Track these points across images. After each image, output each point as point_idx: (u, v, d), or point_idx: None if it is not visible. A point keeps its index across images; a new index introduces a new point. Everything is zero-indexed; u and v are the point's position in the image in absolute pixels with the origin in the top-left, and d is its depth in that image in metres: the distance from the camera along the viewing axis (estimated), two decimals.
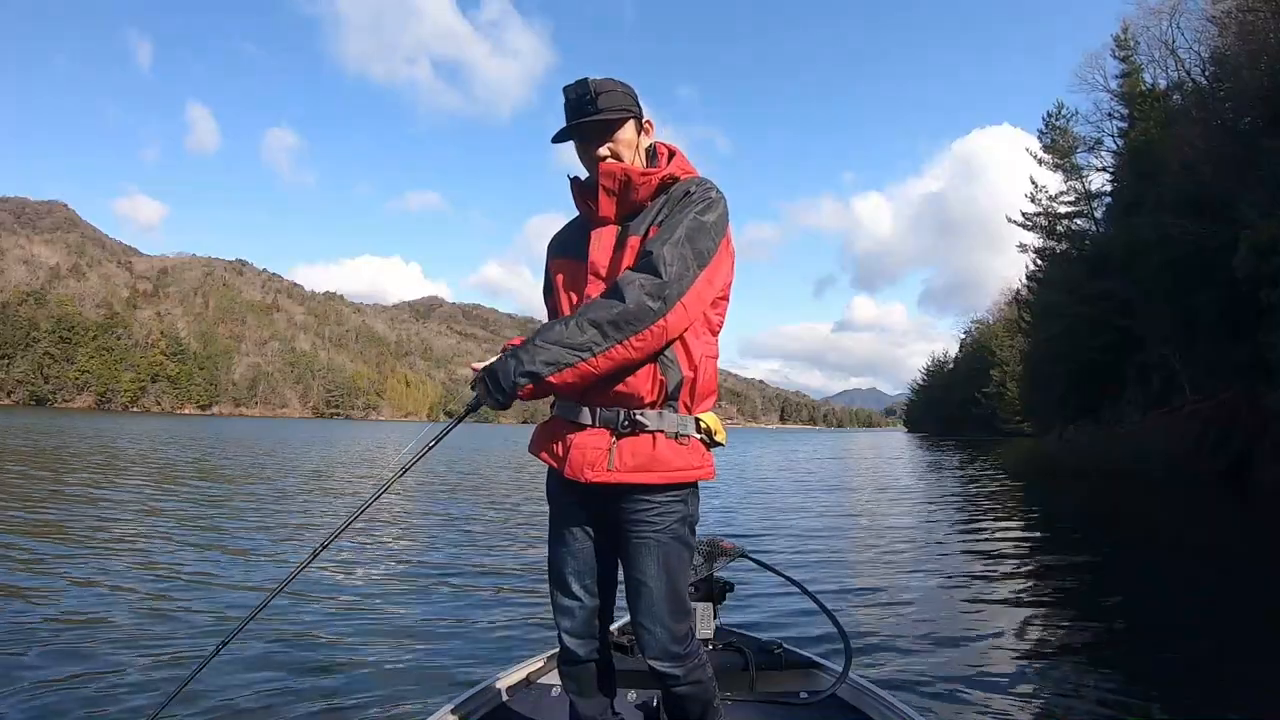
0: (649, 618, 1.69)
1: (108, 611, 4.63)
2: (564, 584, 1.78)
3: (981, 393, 71.89)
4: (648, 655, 1.71)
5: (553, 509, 1.82)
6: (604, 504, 1.70)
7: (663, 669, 1.71)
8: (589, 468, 1.63)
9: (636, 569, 1.68)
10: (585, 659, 1.83)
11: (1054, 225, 30.90)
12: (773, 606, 4.94)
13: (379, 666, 3.78)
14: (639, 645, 1.73)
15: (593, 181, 1.71)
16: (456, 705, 2.26)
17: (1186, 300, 19.39)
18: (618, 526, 1.70)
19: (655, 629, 1.69)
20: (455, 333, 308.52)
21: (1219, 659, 4.32)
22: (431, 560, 6.77)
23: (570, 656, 1.84)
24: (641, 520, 1.66)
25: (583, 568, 1.77)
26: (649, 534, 1.66)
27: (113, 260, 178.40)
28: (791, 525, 9.53)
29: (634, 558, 1.68)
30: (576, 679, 1.88)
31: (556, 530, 1.80)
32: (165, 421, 63.35)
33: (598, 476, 1.62)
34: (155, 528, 7.96)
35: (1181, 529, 10.60)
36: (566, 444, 1.67)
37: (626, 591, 1.74)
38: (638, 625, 1.72)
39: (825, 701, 2.38)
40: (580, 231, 1.77)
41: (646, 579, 1.67)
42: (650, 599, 1.68)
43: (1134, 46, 27.94)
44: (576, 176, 1.81)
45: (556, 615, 1.81)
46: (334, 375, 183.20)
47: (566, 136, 1.70)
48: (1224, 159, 17.84)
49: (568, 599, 1.79)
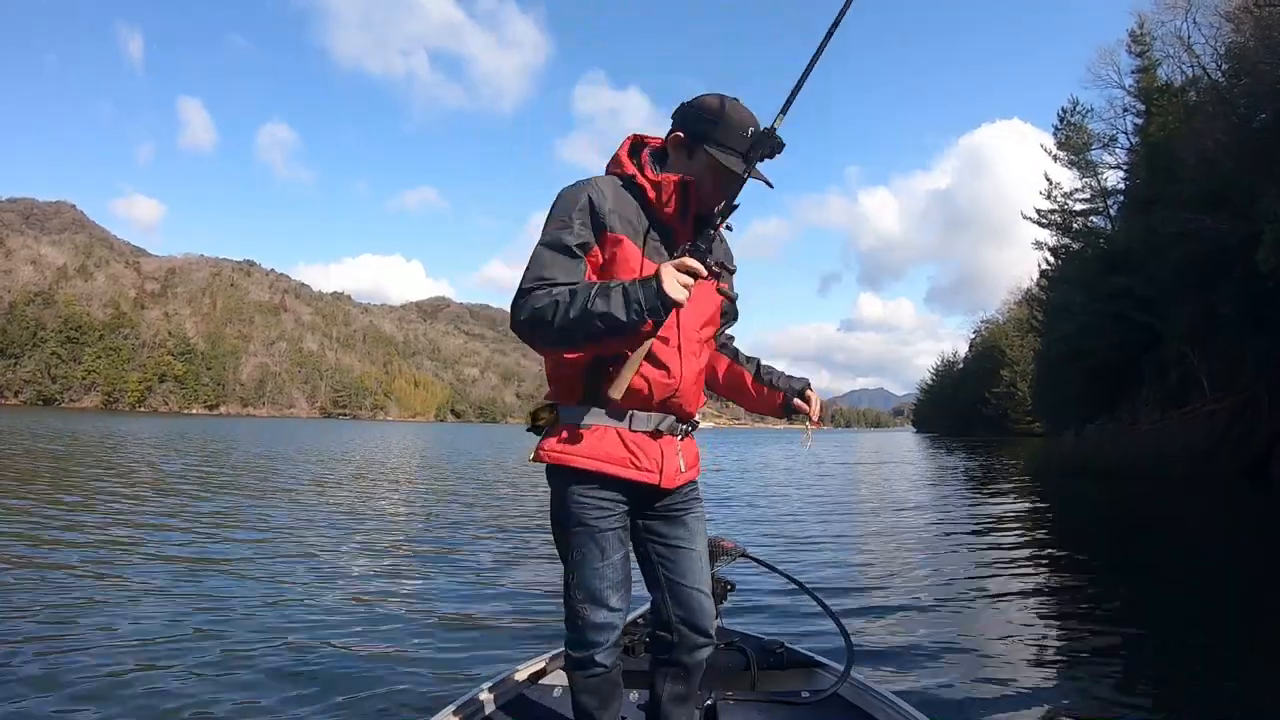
0: (704, 583, 1.89)
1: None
2: (604, 599, 1.76)
3: (991, 393, 71.82)
4: (703, 622, 1.86)
5: (601, 524, 1.77)
6: (649, 506, 1.85)
7: (702, 641, 1.87)
8: (676, 473, 1.82)
9: (689, 542, 1.89)
10: (610, 668, 1.82)
11: (1069, 222, 30.70)
12: (774, 606, 4.91)
13: (378, 667, 3.74)
14: (694, 614, 1.86)
15: (703, 206, 1.79)
16: (457, 707, 2.26)
17: (1206, 296, 19.18)
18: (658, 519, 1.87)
19: (706, 595, 1.89)
20: (462, 333, 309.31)
21: (1237, 663, 4.19)
22: (431, 559, 6.73)
23: (598, 671, 1.80)
24: (692, 499, 1.92)
25: (623, 578, 1.80)
26: (698, 510, 1.93)
27: (120, 261, 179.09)
28: (792, 524, 9.39)
29: (690, 534, 1.89)
30: (600, 692, 1.84)
31: (600, 545, 1.77)
32: (180, 422, 63.54)
33: (682, 478, 1.85)
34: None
35: (1200, 529, 10.44)
36: (654, 454, 1.78)
37: (672, 569, 1.88)
38: (695, 593, 1.86)
39: (827, 701, 2.39)
40: (639, 218, 1.75)
41: (698, 550, 1.90)
42: (701, 568, 1.90)
43: (1149, 42, 27.76)
44: (692, 181, 1.77)
45: (590, 633, 1.76)
46: (341, 375, 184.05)
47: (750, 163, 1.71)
48: (1245, 154, 17.64)
49: (608, 613, 1.77)
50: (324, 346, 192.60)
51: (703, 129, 1.74)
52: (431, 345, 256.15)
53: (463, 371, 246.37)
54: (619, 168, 1.80)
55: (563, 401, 1.80)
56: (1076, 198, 30.80)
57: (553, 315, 1.57)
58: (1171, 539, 9.56)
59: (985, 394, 73.03)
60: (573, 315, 1.55)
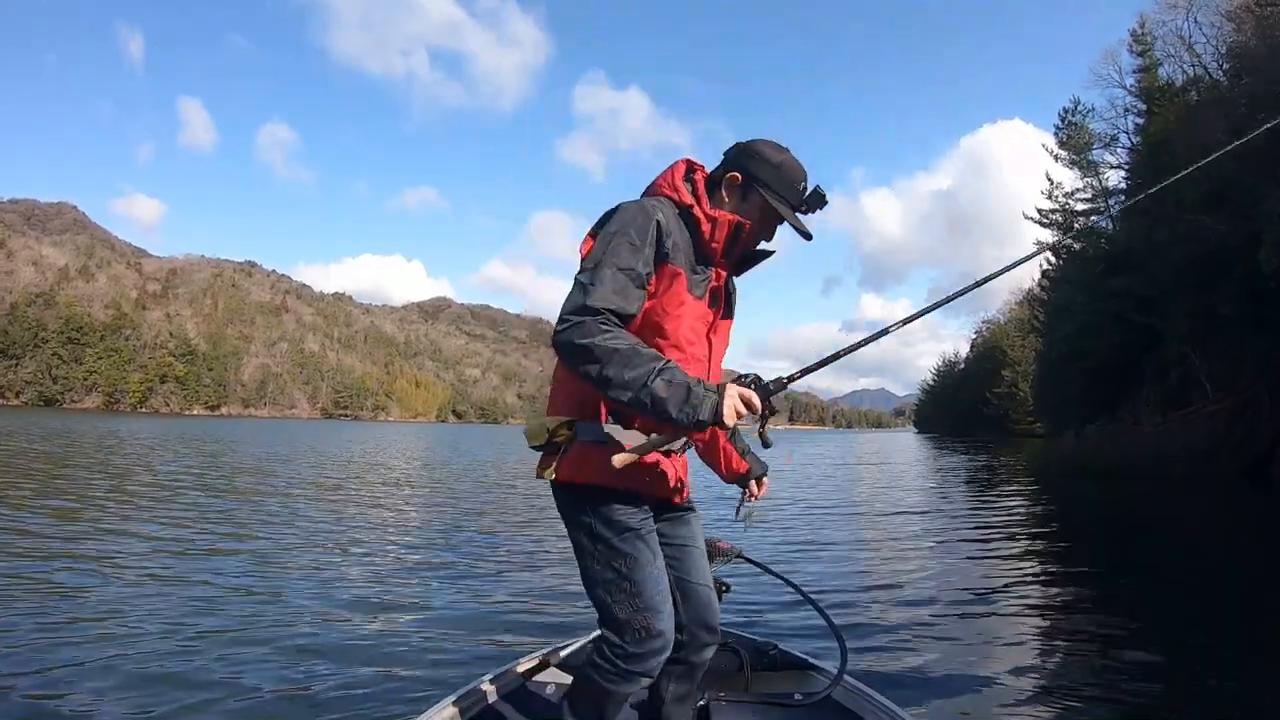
0: (710, 580, 1.96)
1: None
2: (662, 604, 1.74)
3: (993, 393, 71.76)
4: (712, 619, 1.92)
5: (645, 537, 1.76)
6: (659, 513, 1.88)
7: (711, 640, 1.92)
8: (687, 484, 1.94)
9: (694, 541, 1.95)
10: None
11: (1070, 222, 30.66)
12: (769, 607, 4.87)
13: (376, 662, 3.76)
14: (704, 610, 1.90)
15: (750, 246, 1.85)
16: (454, 700, 2.28)
17: (1207, 297, 19.15)
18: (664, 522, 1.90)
19: (713, 591, 1.95)
20: (464, 333, 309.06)
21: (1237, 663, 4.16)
22: (431, 558, 6.75)
23: (647, 683, 1.78)
24: (690, 506, 1.99)
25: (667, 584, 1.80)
26: (696, 510, 2.01)
27: (122, 261, 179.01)
28: (789, 526, 9.33)
29: (693, 534, 1.95)
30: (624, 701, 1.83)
31: (651, 548, 1.77)
32: (182, 423, 63.54)
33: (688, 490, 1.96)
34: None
35: (1201, 529, 10.43)
36: (677, 471, 1.87)
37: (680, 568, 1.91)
38: (704, 589, 1.92)
39: (820, 703, 2.39)
40: (689, 250, 1.74)
41: (701, 548, 1.96)
42: (705, 566, 1.96)
43: (1151, 42, 27.75)
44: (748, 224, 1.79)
45: (653, 642, 1.70)
46: (343, 376, 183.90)
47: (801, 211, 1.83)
48: (1247, 154, 17.59)
49: (667, 618, 1.74)
50: (325, 347, 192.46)
51: (762, 174, 1.76)
52: (433, 346, 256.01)
53: (464, 372, 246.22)
54: (675, 193, 1.75)
55: (582, 416, 1.73)
56: (1078, 198, 30.80)
57: (606, 361, 1.49)
58: (1172, 539, 9.53)
59: (986, 394, 72.99)
60: (627, 377, 1.48)
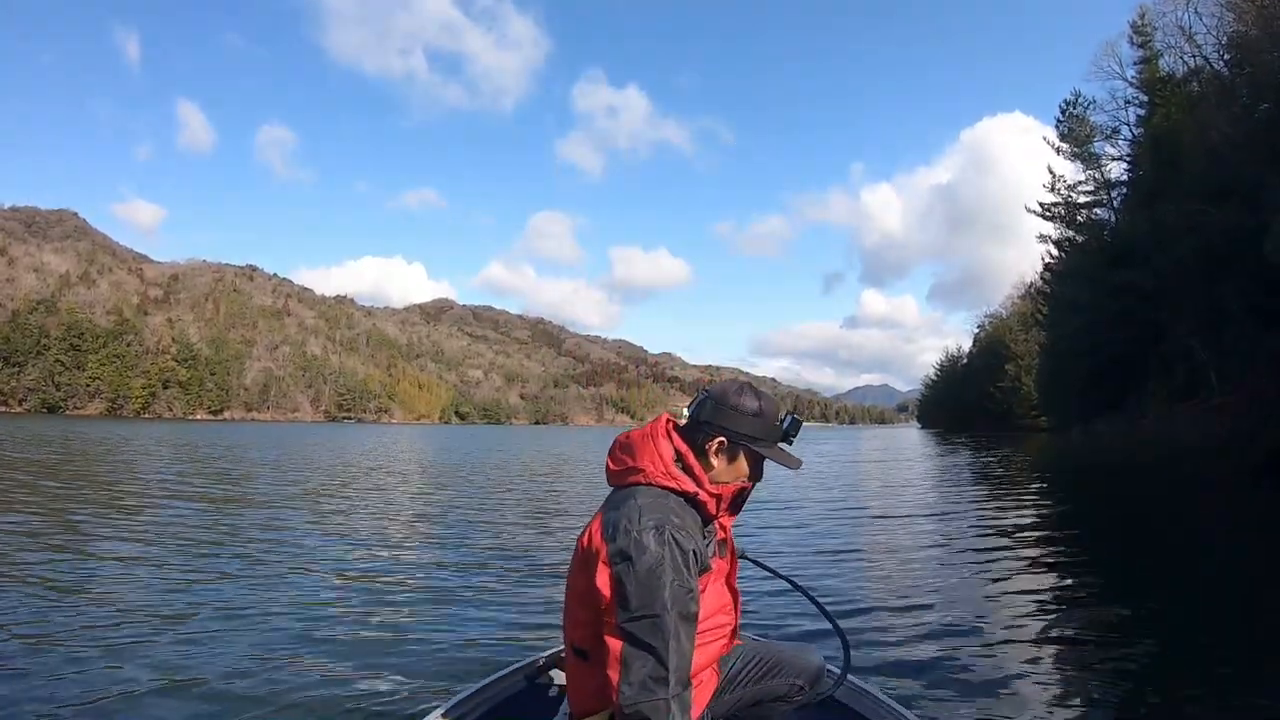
0: None
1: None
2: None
3: (996, 388, 71.54)
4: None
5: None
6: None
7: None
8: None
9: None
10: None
11: (1073, 215, 30.50)
12: (770, 607, 4.85)
13: (377, 664, 3.79)
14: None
15: (742, 498, 1.92)
16: (457, 701, 2.29)
17: (1213, 289, 18.96)
18: None
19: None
20: (466, 334, 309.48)
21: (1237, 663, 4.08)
22: (431, 558, 6.80)
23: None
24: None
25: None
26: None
27: (123, 267, 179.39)
28: (791, 525, 9.25)
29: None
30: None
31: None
32: (185, 428, 63.60)
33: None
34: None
35: (1207, 526, 10.27)
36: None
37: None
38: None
39: (823, 703, 2.35)
40: (699, 527, 1.80)
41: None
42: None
43: (1151, 33, 27.57)
44: (749, 488, 1.91)
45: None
46: (345, 379, 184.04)
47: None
48: (1250, 145, 17.42)
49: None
50: (327, 350, 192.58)
51: (745, 429, 1.81)
52: (435, 347, 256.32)
53: (466, 373, 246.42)
54: (674, 482, 1.78)
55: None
56: (1080, 190, 30.63)
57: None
58: (1177, 537, 9.39)
59: (990, 389, 72.75)
60: None
